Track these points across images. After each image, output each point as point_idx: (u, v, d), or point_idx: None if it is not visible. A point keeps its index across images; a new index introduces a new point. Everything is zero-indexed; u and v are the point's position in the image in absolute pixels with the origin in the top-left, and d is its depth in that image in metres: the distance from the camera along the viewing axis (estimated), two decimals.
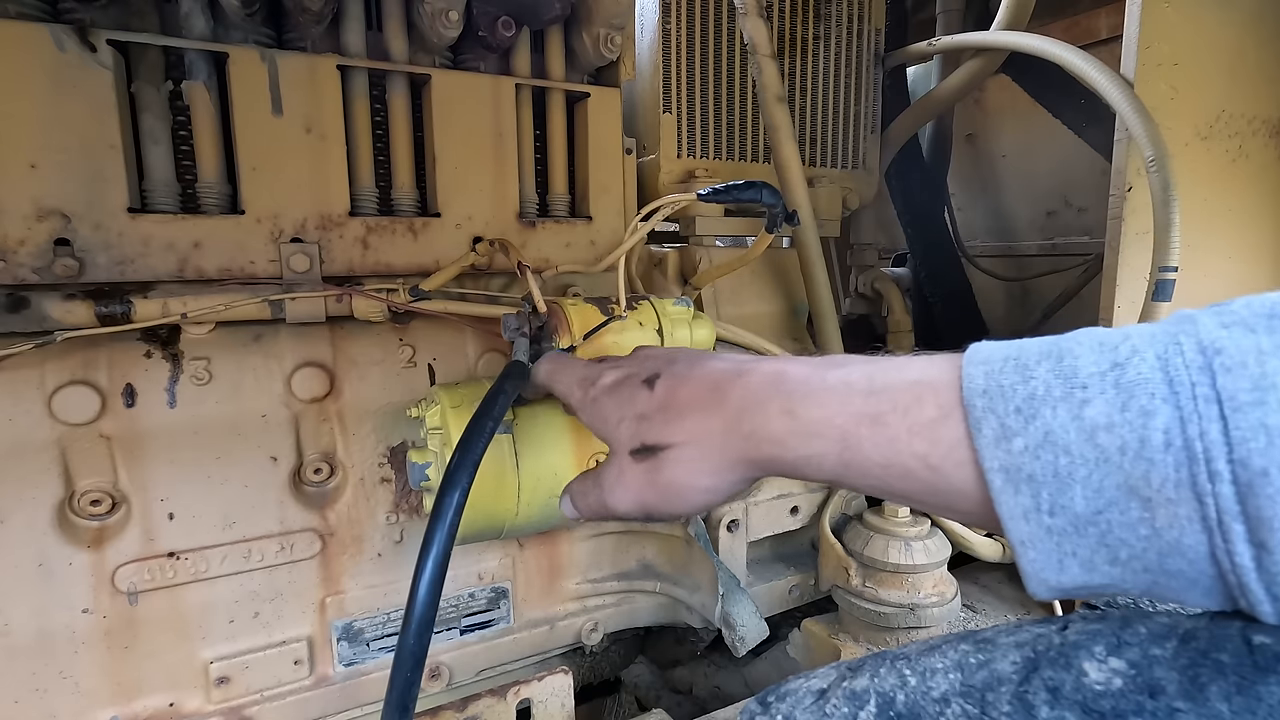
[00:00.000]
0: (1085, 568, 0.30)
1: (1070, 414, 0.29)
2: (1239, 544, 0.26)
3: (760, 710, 0.42)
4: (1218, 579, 0.28)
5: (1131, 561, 0.29)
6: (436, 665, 0.83)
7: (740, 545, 0.94)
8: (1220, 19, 0.92)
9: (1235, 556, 0.27)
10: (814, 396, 0.38)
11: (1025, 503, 0.30)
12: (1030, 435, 0.30)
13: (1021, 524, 0.31)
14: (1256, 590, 0.27)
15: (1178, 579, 0.29)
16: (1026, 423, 0.30)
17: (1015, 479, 0.30)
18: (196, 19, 0.66)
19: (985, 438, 0.31)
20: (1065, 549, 0.30)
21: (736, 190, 0.72)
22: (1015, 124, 1.55)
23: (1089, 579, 0.30)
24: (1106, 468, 0.29)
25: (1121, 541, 0.29)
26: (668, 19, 0.97)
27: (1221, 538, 0.27)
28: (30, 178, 0.61)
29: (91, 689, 0.68)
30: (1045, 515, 0.30)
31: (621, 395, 0.48)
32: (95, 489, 0.66)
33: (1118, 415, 0.28)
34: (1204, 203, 0.93)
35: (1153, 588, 0.30)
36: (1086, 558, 0.30)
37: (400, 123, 0.77)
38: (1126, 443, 0.28)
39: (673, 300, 0.75)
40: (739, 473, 0.42)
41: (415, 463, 0.69)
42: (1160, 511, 0.28)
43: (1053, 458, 0.30)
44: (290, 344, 0.74)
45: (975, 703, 0.33)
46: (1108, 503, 0.29)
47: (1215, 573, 0.28)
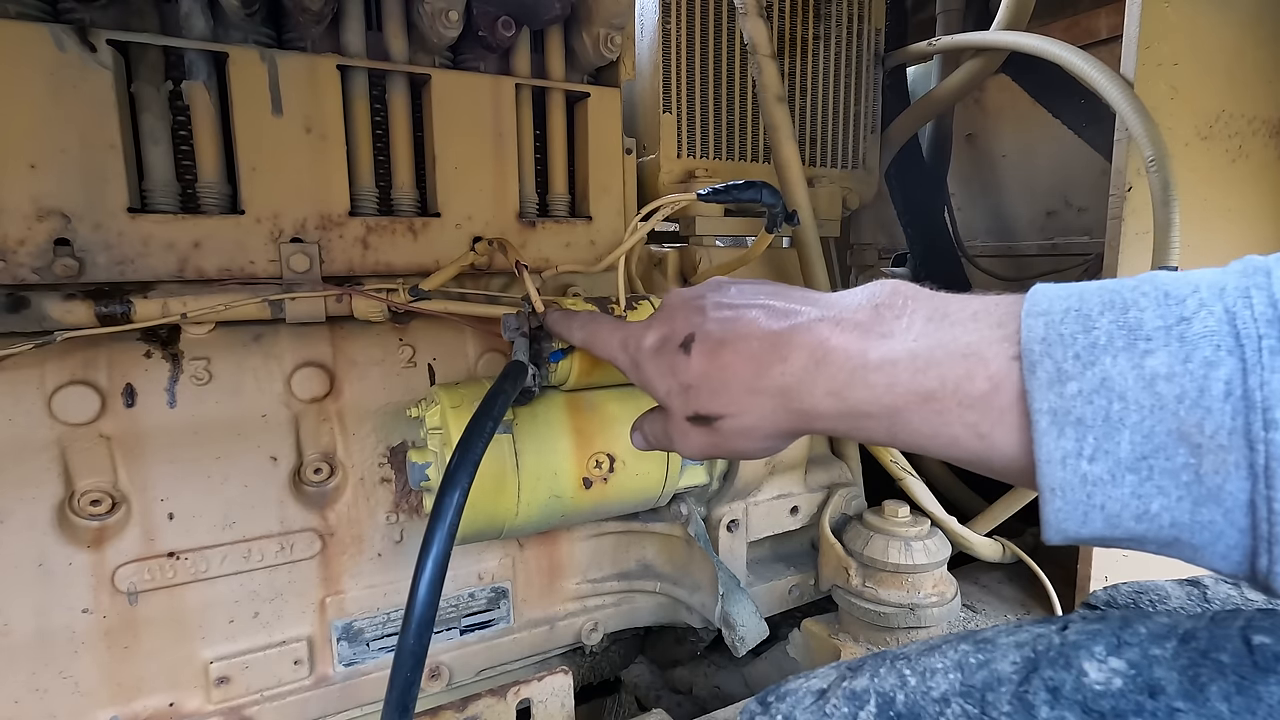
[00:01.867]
0: (1109, 522, 0.30)
1: (1131, 363, 0.29)
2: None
3: (760, 710, 0.42)
4: (1248, 531, 0.28)
5: (1160, 515, 0.29)
6: (436, 665, 0.83)
7: (740, 545, 0.94)
8: (1220, 19, 0.91)
9: (1275, 503, 0.27)
10: (858, 378, 0.38)
11: (1067, 446, 0.30)
12: (1086, 380, 0.30)
13: (1057, 469, 0.30)
14: None
15: (1205, 532, 0.28)
16: (1084, 369, 0.30)
17: (1063, 422, 0.30)
18: (196, 19, 0.66)
19: (1039, 380, 0.31)
20: (1095, 500, 0.30)
21: (736, 190, 0.72)
22: (1015, 124, 1.55)
23: (1109, 534, 0.30)
24: (1160, 414, 0.29)
25: (1158, 490, 0.29)
26: (668, 19, 0.97)
27: (1265, 484, 0.27)
28: (30, 178, 0.61)
29: (91, 689, 0.68)
30: (1085, 461, 0.30)
31: (662, 363, 0.48)
32: (95, 489, 0.66)
33: (1179, 366, 0.28)
34: (1204, 203, 0.93)
35: (1170, 546, 0.29)
36: (1114, 511, 0.30)
37: (400, 123, 0.77)
38: (1185, 391, 0.28)
39: None
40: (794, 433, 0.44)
41: (415, 463, 0.69)
42: (1208, 458, 0.28)
43: (1106, 403, 0.29)
44: (290, 344, 0.74)
45: (975, 703, 0.33)
46: (1155, 448, 0.29)
47: (1247, 524, 0.28)
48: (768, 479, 0.96)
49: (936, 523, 0.97)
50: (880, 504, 0.95)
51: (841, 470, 1.04)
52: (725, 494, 0.92)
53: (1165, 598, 0.47)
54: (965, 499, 1.30)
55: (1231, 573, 0.29)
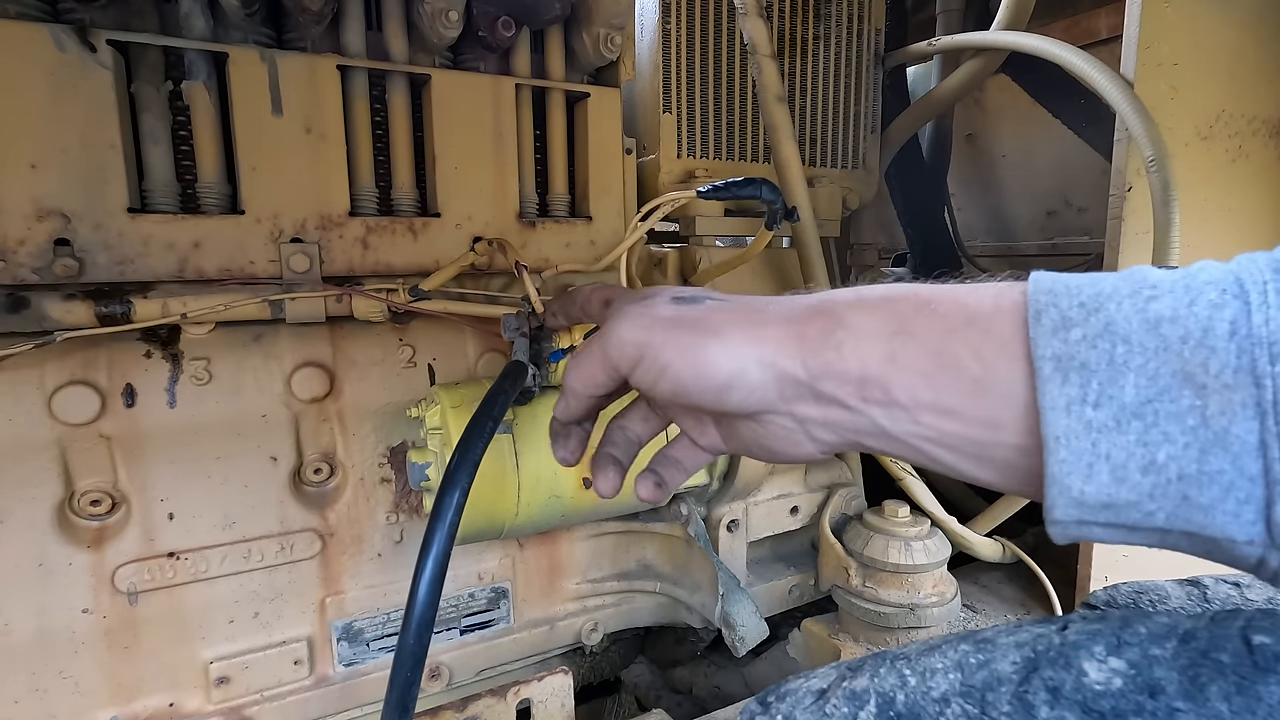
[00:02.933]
0: (1115, 475, 0.29)
1: (1135, 307, 0.29)
2: None
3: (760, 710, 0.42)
4: (1260, 478, 0.27)
5: (1168, 465, 0.28)
6: (436, 665, 0.83)
7: (740, 545, 0.94)
8: (1220, 19, 0.91)
9: None
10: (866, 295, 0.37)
11: (1071, 393, 0.30)
12: (1090, 326, 0.30)
13: (1061, 416, 0.30)
14: None
15: (1214, 484, 0.28)
16: (1089, 315, 0.30)
17: (1066, 367, 0.30)
18: (196, 19, 0.66)
19: (1043, 327, 0.31)
20: (1100, 448, 0.29)
21: (736, 187, 0.72)
22: (1015, 124, 1.55)
23: (1115, 492, 0.29)
24: (1165, 355, 0.28)
25: (1164, 437, 0.28)
26: (668, 19, 0.97)
27: (1275, 420, 0.26)
28: (30, 178, 0.61)
29: (91, 689, 0.68)
30: (1089, 407, 0.29)
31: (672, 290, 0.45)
32: (95, 489, 0.66)
33: (1184, 309, 0.28)
34: (1204, 203, 0.93)
35: (1180, 506, 0.28)
36: (1120, 461, 0.29)
37: (400, 123, 0.77)
38: (1189, 332, 0.28)
39: None
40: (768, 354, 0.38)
41: (415, 463, 0.69)
42: (1214, 399, 0.27)
43: (1109, 346, 0.29)
44: (290, 344, 0.74)
45: (975, 703, 0.33)
46: (1160, 391, 0.28)
47: (1259, 468, 0.27)
48: (768, 479, 0.96)
49: (936, 523, 0.97)
50: (880, 504, 0.95)
51: (841, 470, 1.04)
52: (725, 494, 0.92)
53: (1165, 598, 0.47)
54: (965, 499, 1.30)
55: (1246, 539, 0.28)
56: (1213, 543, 0.29)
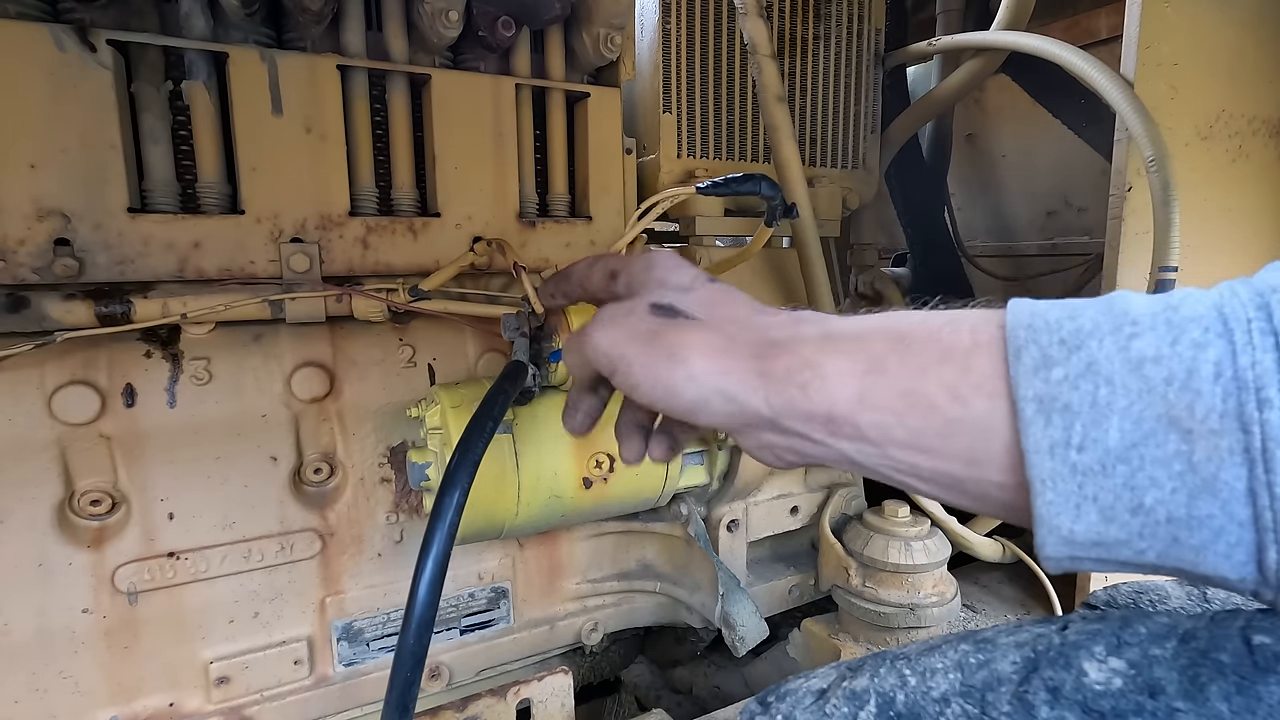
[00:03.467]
0: (1104, 515, 0.29)
1: (1117, 346, 0.29)
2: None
3: (760, 710, 0.42)
4: (1250, 524, 0.26)
5: (1156, 508, 0.28)
6: (436, 665, 0.83)
7: (740, 545, 0.94)
8: (1220, 19, 0.91)
9: (1276, 488, 0.25)
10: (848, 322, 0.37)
11: (1055, 435, 0.29)
12: (1072, 365, 0.29)
13: (1046, 459, 0.29)
14: None
15: (1204, 528, 0.27)
16: (1070, 354, 0.29)
17: (1049, 409, 0.29)
18: (196, 19, 0.66)
19: (1024, 365, 0.30)
20: (1087, 491, 0.29)
21: (735, 183, 0.72)
22: (1015, 124, 1.55)
23: (1104, 531, 0.29)
24: (1149, 399, 0.28)
25: (1151, 481, 0.28)
26: (668, 19, 0.97)
27: (1264, 468, 0.26)
28: (30, 178, 0.61)
29: (91, 689, 0.68)
30: (1074, 451, 0.29)
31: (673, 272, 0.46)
32: (95, 489, 0.66)
33: (1167, 349, 0.28)
34: (1204, 203, 0.93)
35: (1171, 547, 0.28)
36: (1108, 503, 0.28)
37: (400, 123, 0.77)
38: (1174, 373, 0.27)
39: None
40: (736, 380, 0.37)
41: (415, 463, 0.69)
42: (1200, 444, 0.27)
43: (1092, 388, 0.28)
44: (290, 344, 0.74)
45: (975, 703, 0.33)
46: (1145, 435, 0.28)
47: (1249, 514, 0.26)
48: (768, 479, 0.96)
49: (936, 523, 0.97)
50: (880, 504, 0.95)
51: (842, 470, 1.04)
52: (725, 494, 0.92)
53: (1165, 598, 0.47)
54: None
55: (1239, 578, 0.28)
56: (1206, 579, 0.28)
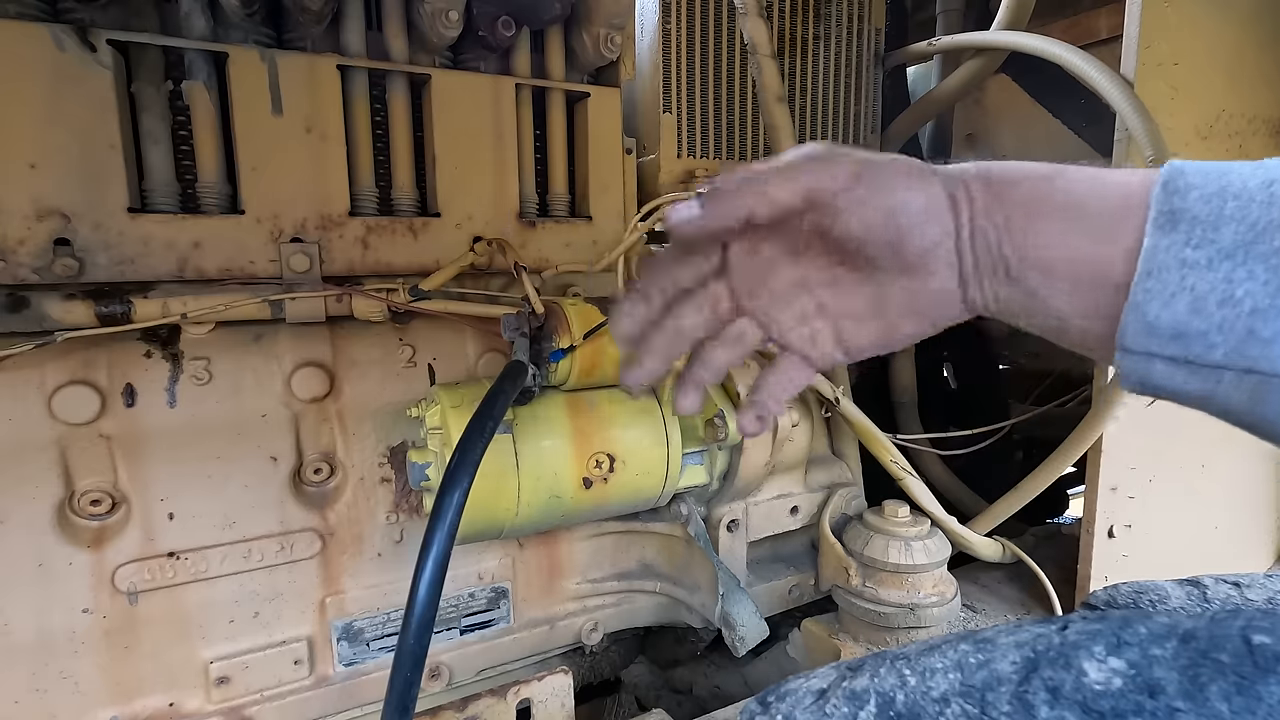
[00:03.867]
0: (1193, 306, 0.32)
1: (1254, 172, 0.32)
2: None
3: (760, 710, 0.42)
4: None
5: (1244, 300, 0.31)
6: (436, 665, 0.83)
7: (740, 545, 0.94)
8: (1220, 19, 0.91)
9: None
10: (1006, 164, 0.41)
11: (1175, 238, 0.33)
12: (1208, 187, 0.33)
13: (1160, 254, 0.33)
14: None
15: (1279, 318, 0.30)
16: (1209, 180, 0.33)
17: (1178, 219, 0.33)
18: (196, 19, 0.66)
19: (1167, 190, 0.34)
20: (1187, 281, 0.32)
21: None
22: (1015, 124, 1.55)
23: (1188, 322, 0.32)
24: (1268, 208, 0.31)
25: (1248, 275, 0.31)
26: (668, 19, 0.97)
27: None
28: (30, 178, 0.61)
29: (91, 689, 0.68)
30: (1189, 248, 0.32)
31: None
32: (95, 489, 0.66)
33: None
34: None
35: (1244, 341, 0.31)
36: (1202, 294, 0.32)
37: (400, 123, 0.77)
38: None
39: None
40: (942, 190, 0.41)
41: (415, 463, 0.69)
42: None
43: (1221, 203, 0.32)
44: (290, 344, 0.74)
45: (975, 702, 0.33)
46: (1256, 236, 0.31)
47: None
48: (768, 479, 0.96)
49: (936, 523, 0.97)
50: (880, 504, 0.95)
51: (841, 470, 1.04)
52: (725, 494, 0.92)
53: (1165, 598, 0.47)
54: (965, 499, 1.30)
55: None
56: (1262, 381, 0.31)
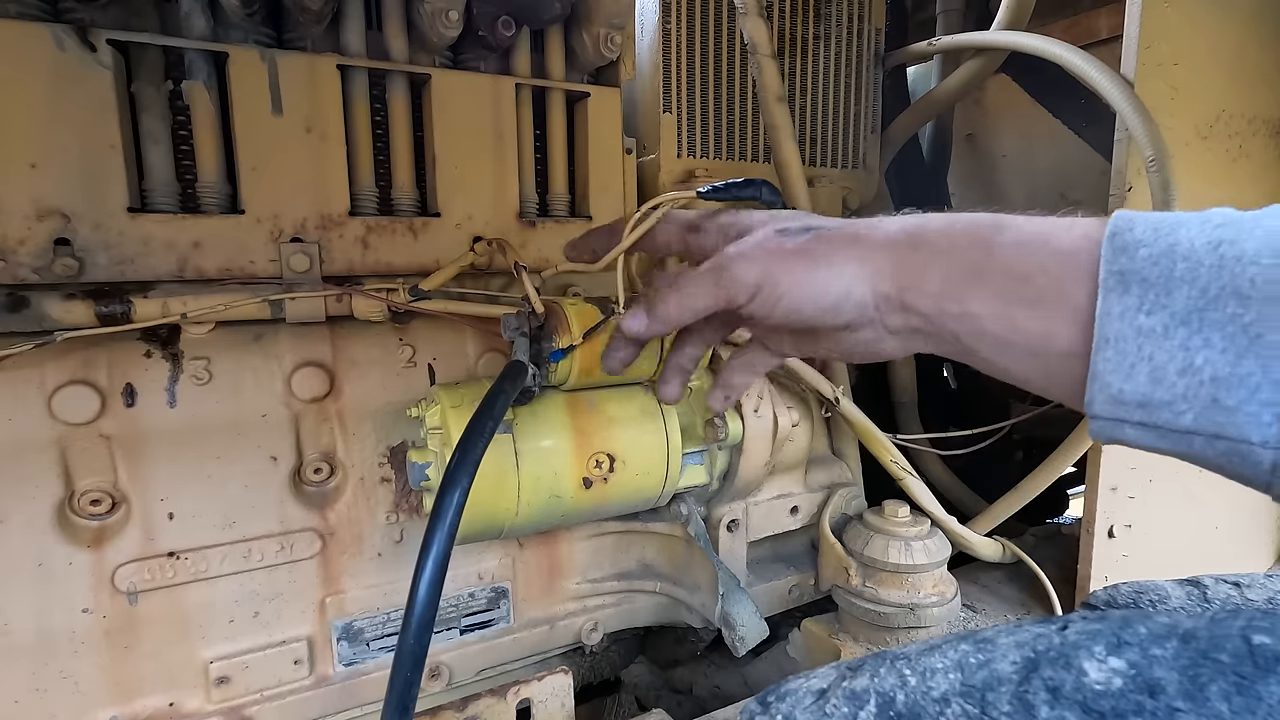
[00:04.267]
0: (1154, 376, 0.32)
1: (1201, 232, 0.32)
2: None
3: (760, 710, 0.42)
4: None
5: (1204, 368, 0.31)
6: (436, 665, 0.83)
7: (740, 545, 0.94)
8: (1220, 19, 0.91)
9: None
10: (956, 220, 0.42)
11: (1129, 302, 0.33)
12: (1157, 246, 0.33)
13: (1114, 322, 0.33)
14: None
15: (1242, 387, 0.30)
16: (1158, 237, 0.33)
17: (1128, 281, 0.33)
18: (196, 19, 0.66)
19: (1114, 246, 0.34)
20: (1144, 351, 0.33)
21: (736, 188, 0.72)
22: (1015, 124, 1.55)
23: (1151, 392, 0.32)
24: (1218, 272, 0.31)
25: (1205, 342, 0.31)
26: (668, 19, 0.97)
27: None
28: (30, 177, 0.61)
29: (91, 689, 0.68)
30: (1142, 315, 0.33)
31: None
32: (95, 489, 0.66)
33: (1245, 234, 0.31)
34: (1204, 203, 0.92)
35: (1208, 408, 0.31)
36: (1161, 363, 0.32)
37: (400, 122, 0.77)
38: (1244, 252, 0.31)
39: None
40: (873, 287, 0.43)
41: (415, 463, 0.69)
42: (1254, 308, 0.30)
43: (1171, 263, 0.32)
44: (290, 344, 0.74)
45: (975, 703, 0.33)
46: (1208, 302, 0.31)
47: None
48: (768, 479, 0.96)
49: (936, 523, 0.97)
50: (880, 504, 0.95)
51: (841, 470, 1.04)
52: (725, 494, 0.92)
53: (1165, 598, 0.47)
54: (965, 499, 1.30)
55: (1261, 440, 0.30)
56: (1231, 446, 0.31)
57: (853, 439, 1.04)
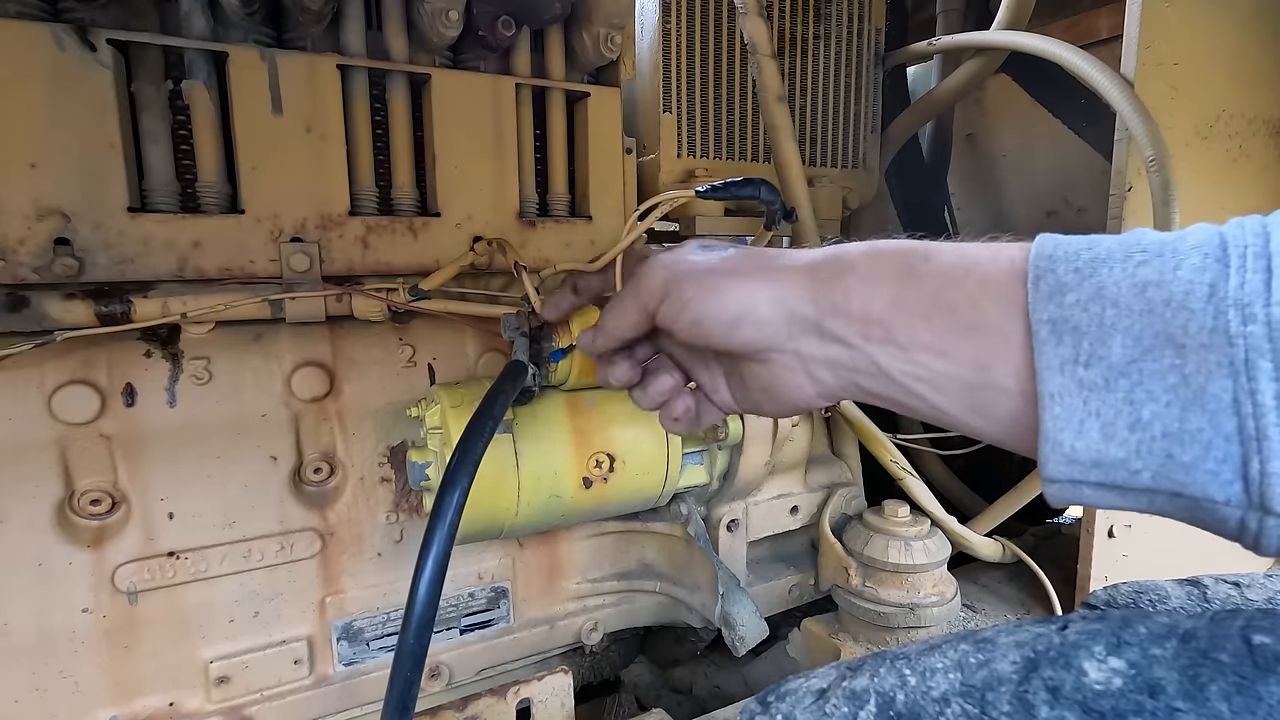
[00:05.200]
0: (1105, 432, 0.31)
1: (1125, 273, 0.31)
2: (1263, 381, 0.27)
3: (760, 710, 0.42)
4: (1235, 437, 0.28)
5: (1152, 423, 0.30)
6: (436, 665, 0.83)
7: (740, 545, 0.94)
8: (1220, 19, 0.91)
9: (1257, 395, 0.27)
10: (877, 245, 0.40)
11: (1065, 353, 0.31)
12: (1083, 290, 0.31)
13: (1056, 375, 0.32)
14: (1274, 436, 0.27)
15: (1195, 443, 0.29)
16: (1082, 280, 0.32)
17: (1060, 330, 0.32)
18: (196, 18, 0.66)
19: (1040, 292, 0.33)
20: (1091, 406, 0.31)
21: (735, 187, 0.72)
22: (1015, 124, 1.55)
23: (1104, 449, 0.31)
24: (1149, 318, 0.30)
25: (1149, 395, 0.30)
26: (668, 19, 0.97)
27: (1247, 377, 0.27)
28: (30, 177, 0.61)
29: (91, 689, 0.68)
30: (1080, 367, 0.31)
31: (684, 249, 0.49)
32: (95, 488, 0.66)
33: (1170, 274, 0.30)
34: (1204, 203, 0.93)
35: (1165, 465, 0.30)
36: (1109, 419, 0.30)
37: (400, 122, 0.77)
38: (1172, 295, 0.29)
39: None
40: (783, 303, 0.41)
41: (415, 462, 0.69)
42: (1192, 358, 0.29)
43: (1100, 309, 0.31)
44: (290, 343, 0.74)
45: (975, 702, 0.33)
46: (1144, 351, 0.30)
47: (1234, 426, 0.28)
48: (768, 479, 0.96)
49: (936, 523, 0.97)
50: (880, 504, 0.95)
51: (841, 470, 1.04)
52: (725, 494, 0.92)
53: (1165, 598, 0.47)
54: (965, 499, 1.30)
55: (1225, 499, 0.29)
56: (1195, 504, 0.30)
57: (853, 439, 1.04)
